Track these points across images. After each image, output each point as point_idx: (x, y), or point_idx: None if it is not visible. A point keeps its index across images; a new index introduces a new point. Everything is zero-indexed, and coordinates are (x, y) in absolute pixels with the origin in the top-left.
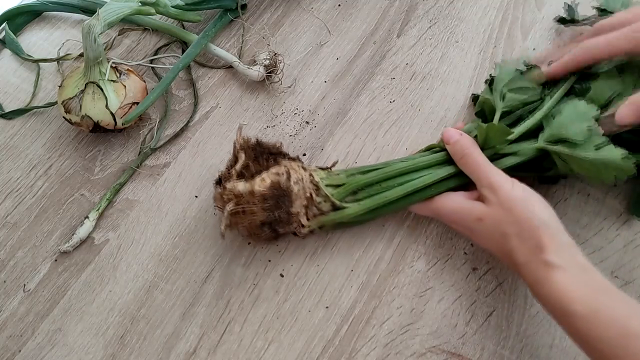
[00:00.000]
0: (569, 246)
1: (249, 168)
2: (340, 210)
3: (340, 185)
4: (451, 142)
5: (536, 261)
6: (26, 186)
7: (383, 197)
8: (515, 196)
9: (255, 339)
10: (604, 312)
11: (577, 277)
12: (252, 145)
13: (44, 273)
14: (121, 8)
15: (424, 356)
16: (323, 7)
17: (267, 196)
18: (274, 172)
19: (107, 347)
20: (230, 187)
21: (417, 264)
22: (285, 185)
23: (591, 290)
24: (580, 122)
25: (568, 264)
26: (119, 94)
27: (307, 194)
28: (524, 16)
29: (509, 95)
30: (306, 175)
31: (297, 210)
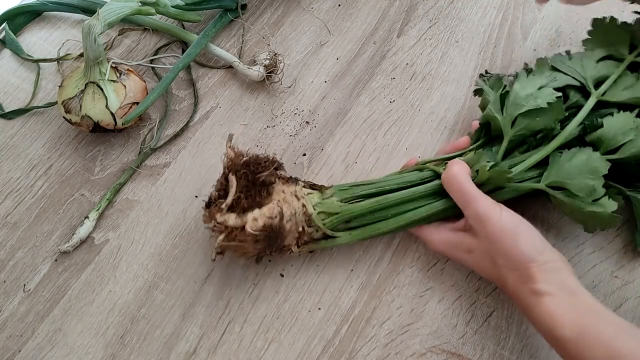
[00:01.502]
0: (558, 271)
1: (240, 201)
2: (332, 239)
3: (335, 213)
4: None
5: (526, 290)
6: (26, 186)
7: (376, 228)
8: (502, 227)
9: (255, 339)
10: (590, 334)
11: (565, 302)
12: (243, 165)
13: (44, 273)
14: (121, 8)
15: (424, 356)
16: (323, 7)
17: (259, 237)
18: (267, 216)
19: (107, 347)
20: (221, 220)
21: (417, 264)
22: (277, 226)
23: (578, 313)
24: (588, 179)
25: (557, 289)
26: (119, 94)
27: (300, 229)
28: (524, 16)
29: (521, 123)
30: (299, 206)
31: (289, 243)
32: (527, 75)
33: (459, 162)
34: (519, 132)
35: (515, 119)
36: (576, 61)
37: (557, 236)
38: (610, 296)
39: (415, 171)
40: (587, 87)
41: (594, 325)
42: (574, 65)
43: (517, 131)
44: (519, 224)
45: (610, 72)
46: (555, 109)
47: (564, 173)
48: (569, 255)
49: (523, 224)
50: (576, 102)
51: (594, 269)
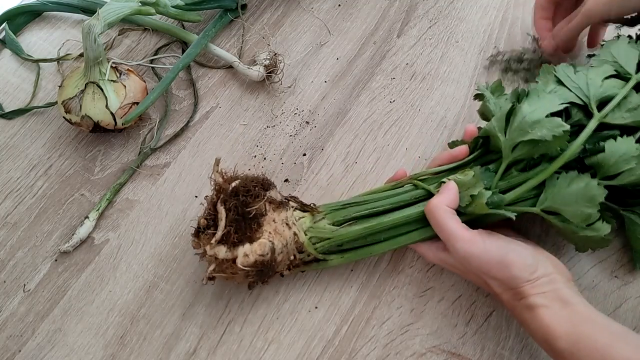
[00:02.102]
0: (551, 283)
1: (230, 235)
2: (323, 262)
3: (327, 238)
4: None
5: (520, 305)
6: (26, 186)
7: (368, 251)
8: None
9: (255, 339)
10: (585, 344)
11: (559, 313)
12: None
13: (44, 273)
14: (121, 8)
15: (424, 356)
16: (323, 7)
17: (250, 271)
18: (258, 253)
19: (107, 347)
20: (212, 253)
21: (416, 264)
22: (269, 260)
23: (572, 324)
24: (585, 207)
25: (550, 301)
26: (119, 94)
27: (291, 258)
28: (524, 16)
29: (523, 148)
30: (290, 235)
31: (281, 269)
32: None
33: (443, 193)
34: (519, 156)
35: (517, 144)
36: (581, 76)
37: (557, 236)
38: (610, 296)
39: (409, 187)
40: (590, 108)
41: (589, 335)
42: (579, 81)
43: (517, 155)
44: (506, 251)
45: (614, 92)
46: (560, 140)
47: (560, 199)
48: (569, 255)
49: (511, 247)
50: (578, 120)
51: (594, 269)
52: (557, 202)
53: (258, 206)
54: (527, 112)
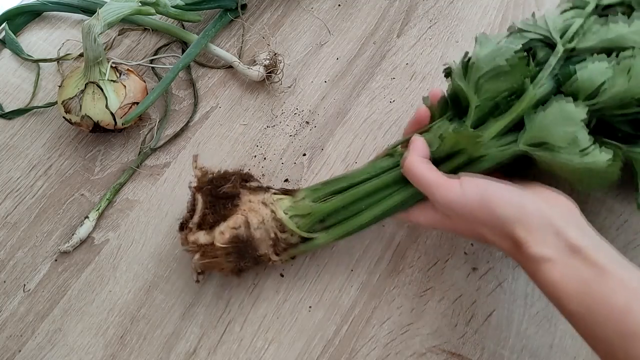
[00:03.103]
0: (549, 224)
1: (207, 217)
2: (310, 241)
3: (307, 214)
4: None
5: (520, 256)
6: (26, 186)
7: (352, 223)
8: (468, 202)
9: (255, 339)
10: (599, 309)
11: (567, 266)
12: (210, 181)
13: (44, 273)
14: (121, 8)
15: (424, 356)
16: (323, 7)
17: (229, 250)
18: (231, 226)
19: (107, 347)
20: (193, 239)
21: (417, 264)
22: (245, 235)
23: (584, 282)
24: (566, 126)
25: (553, 251)
26: (119, 94)
27: (272, 235)
28: (524, 16)
29: (485, 87)
30: (267, 213)
31: (265, 252)
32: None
33: (414, 146)
34: (485, 96)
35: (478, 83)
36: (541, 18)
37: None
38: None
39: (387, 157)
40: (553, 41)
41: (602, 297)
42: (539, 22)
43: (483, 96)
44: (485, 190)
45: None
46: (517, 66)
47: (540, 127)
48: None
49: (490, 187)
50: (545, 57)
51: None
52: (539, 132)
53: (229, 185)
54: (478, 51)
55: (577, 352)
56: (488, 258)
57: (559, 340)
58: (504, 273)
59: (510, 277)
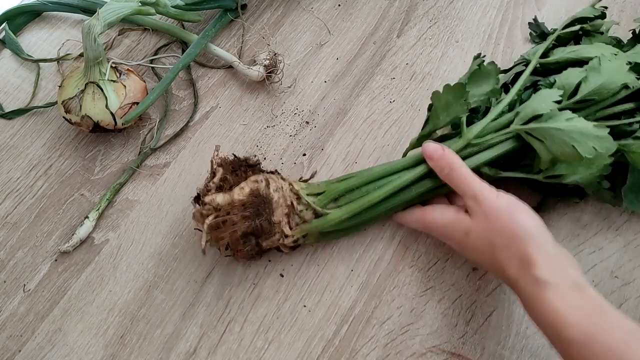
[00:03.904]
0: (559, 259)
1: (227, 180)
2: (323, 217)
3: (321, 193)
4: (435, 158)
5: (526, 277)
6: (26, 186)
7: (364, 200)
8: (499, 205)
9: (255, 338)
10: (599, 339)
11: (570, 297)
12: (229, 160)
13: (44, 273)
14: (121, 8)
15: (424, 356)
16: (323, 7)
17: (247, 203)
18: (252, 180)
19: (107, 347)
20: (209, 200)
21: (417, 263)
22: (264, 192)
23: (585, 313)
24: (549, 101)
25: (559, 280)
26: (119, 94)
27: (288, 202)
28: (524, 16)
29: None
30: (285, 184)
31: (279, 219)
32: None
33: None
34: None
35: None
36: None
37: (557, 236)
38: (610, 296)
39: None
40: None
41: (603, 329)
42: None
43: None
44: (518, 204)
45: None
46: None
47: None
48: None
49: (522, 205)
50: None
51: (594, 269)
52: (525, 111)
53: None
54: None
55: None
56: None
57: None
58: None
59: None
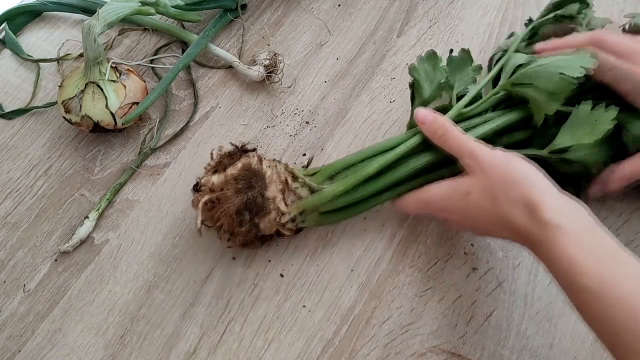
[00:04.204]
0: (565, 200)
1: (223, 163)
2: (319, 193)
3: (316, 172)
4: (427, 122)
5: (534, 223)
6: (26, 186)
7: (360, 174)
8: (496, 156)
9: (255, 339)
10: (613, 289)
11: (583, 241)
12: (228, 150)
13: (44, 273)
14: (121, 8)
15: (424, 356)
16: (323, 7)
17: (239, 177)
18: (245, 156)
19: (107, 347)
20: (205, 180)
21: (417, 264)
22: (257, 167)
23: (600, 259)
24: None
25: (569, 222)
26: (119, 94)
27: (283, 179)
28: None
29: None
30: (280, 165)
31: (274, 195)
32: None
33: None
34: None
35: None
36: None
37: None
38: None
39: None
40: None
41: (618, 277)
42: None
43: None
44: (512, 153)
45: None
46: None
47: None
48: None
49: (518, 155)
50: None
51: None
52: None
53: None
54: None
55: (577, 352)
56: (488, 258)
57: (559, 340)
58: (504, 273)
59: (510, 277)
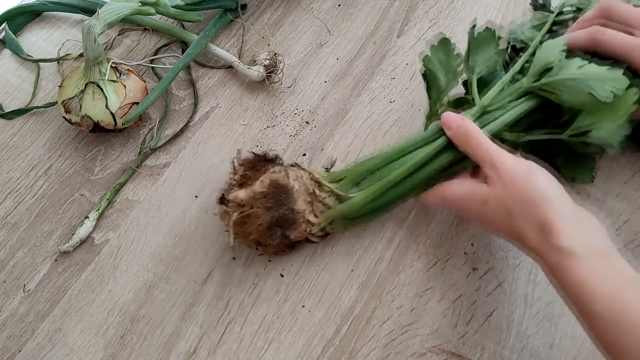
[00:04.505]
0: (581, 223)
1: (248, 177)
2: (347, 202)
3: (342, 179)
4: (453, 128)
5: (547, 246)
6: (26, 186)
7: (387, 180)
8: (517, 170)
9: (255, 339)
10: (627, 317)
11: (596, 268)
12: (249, 159)
13: (44, 273)
14: (121, 8)
15: (424, 356)
16: (323, 7)
17: (267, 194)
18: (270, 172)
19: (107, 347)
20: (233, 196)
21: (417, 264)
22: (283, 181)
23: (613, 286)
24: (554, 50)
25: (583, 249)
26: (119, 94)
27: (310, 190)
28: (524, 16)
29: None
30: (305, 173)
31: (303, 208)
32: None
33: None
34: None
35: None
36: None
37: None
38: None
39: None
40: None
41: (632, 305)
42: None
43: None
44: (535, 166)
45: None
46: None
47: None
48: None
49: (541, 169)
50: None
51: None
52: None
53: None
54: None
55: (577, 352)
56: (488, 258)
57: (559, 340)
58: (504, 273)
59: (510, 277)
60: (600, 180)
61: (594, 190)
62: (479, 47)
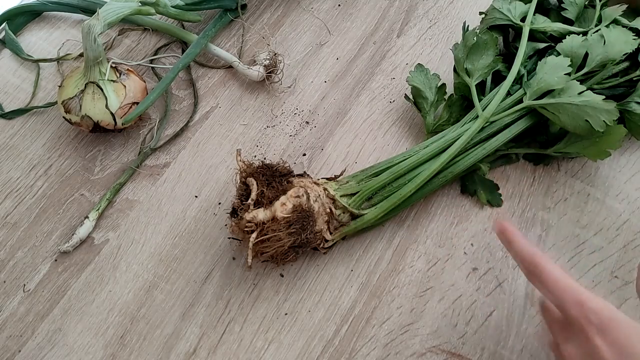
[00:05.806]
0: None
1: (264, 194)
2: (360, 218)
3: (354, 193)
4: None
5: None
6: (26, 186)
7: (398, 196)
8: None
9: (255, 339)
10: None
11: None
12: (257, 168)
13: (44, 273)
14: (121, 8)
15: (424, 356)
16: (323, 7)
17: (292, 220)
18: (294, 196)
19: (107, 347)
20: (251, 217)
21: (417, 264)
22: (307, 206)
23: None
24: (558, 71)
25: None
26: (119, 94)
27: (327, 210)
28: None
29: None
30: (321, 190)
31: (321, 228)
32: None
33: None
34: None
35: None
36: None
37: (557, 236)
38: (610, 296)
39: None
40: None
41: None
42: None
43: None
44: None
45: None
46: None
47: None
48: (569, 255)
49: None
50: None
51: (594, 269)
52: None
53: (279, 162)
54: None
55: None
56: (488, 258)
57: None
58: (504, 273)
59: (510, 277)
60: (600, 180)
61: (593, 190)
62: (477, 52)
